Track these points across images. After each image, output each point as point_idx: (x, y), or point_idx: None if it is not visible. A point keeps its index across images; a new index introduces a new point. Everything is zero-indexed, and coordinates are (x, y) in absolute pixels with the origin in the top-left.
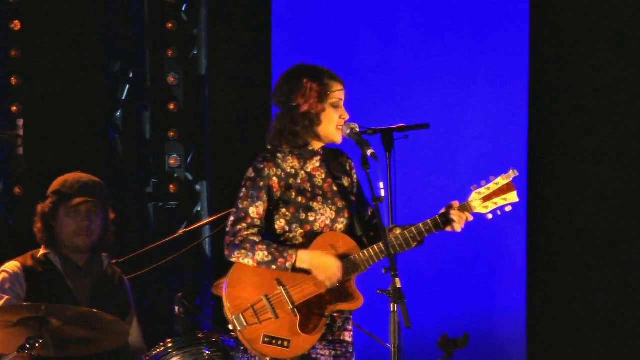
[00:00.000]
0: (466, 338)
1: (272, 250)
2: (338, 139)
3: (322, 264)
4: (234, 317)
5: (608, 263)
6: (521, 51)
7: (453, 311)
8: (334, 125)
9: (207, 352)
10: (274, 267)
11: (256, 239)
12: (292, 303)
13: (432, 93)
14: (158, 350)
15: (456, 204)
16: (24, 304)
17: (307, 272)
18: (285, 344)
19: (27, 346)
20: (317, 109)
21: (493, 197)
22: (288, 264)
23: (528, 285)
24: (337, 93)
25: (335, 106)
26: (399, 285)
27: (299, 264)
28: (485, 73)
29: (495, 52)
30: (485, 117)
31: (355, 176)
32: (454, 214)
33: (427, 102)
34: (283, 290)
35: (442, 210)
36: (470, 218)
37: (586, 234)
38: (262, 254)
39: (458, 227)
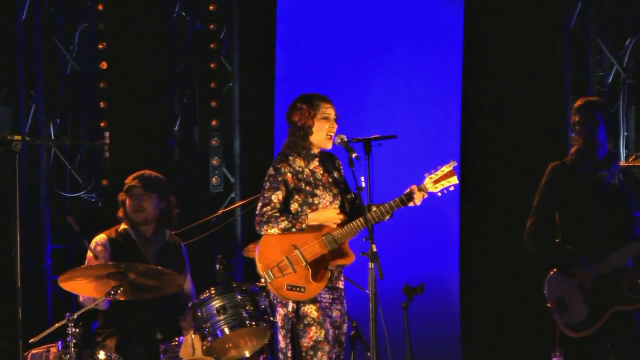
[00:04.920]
0: (422, 287)
1: (290, 219)
2: (327, 145)
3: (325, 215)
4: (264, 273)
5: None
6: (455, 77)
7: (410, 270)
8: (323, 135)
9: (239, 297)
10: (294, 230)
11: (277, 214)
12: (305, 261)
13: (398, 105)
14: (204, 295)
15: (415, 187)
16: (110, 263)
17: (316, 236)
18: (302, 290)
19: (112, 292)
20: (308, 123)
21: (441, 180)
22: (304, 225)
23: (460, 253)
24: (325, 110)
25: (325, 118)
26: (374, 250)
27: (310, 222)
28: (424, 90)
29: (433, 72)
30: (429, 125)
31: (342, 170)
32: (416, 194)
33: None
34: (298, 252)
35: (406, 191)
36: (426, 195)
37: (508, 215)
38: (284, 224)
39: (418, 201)
